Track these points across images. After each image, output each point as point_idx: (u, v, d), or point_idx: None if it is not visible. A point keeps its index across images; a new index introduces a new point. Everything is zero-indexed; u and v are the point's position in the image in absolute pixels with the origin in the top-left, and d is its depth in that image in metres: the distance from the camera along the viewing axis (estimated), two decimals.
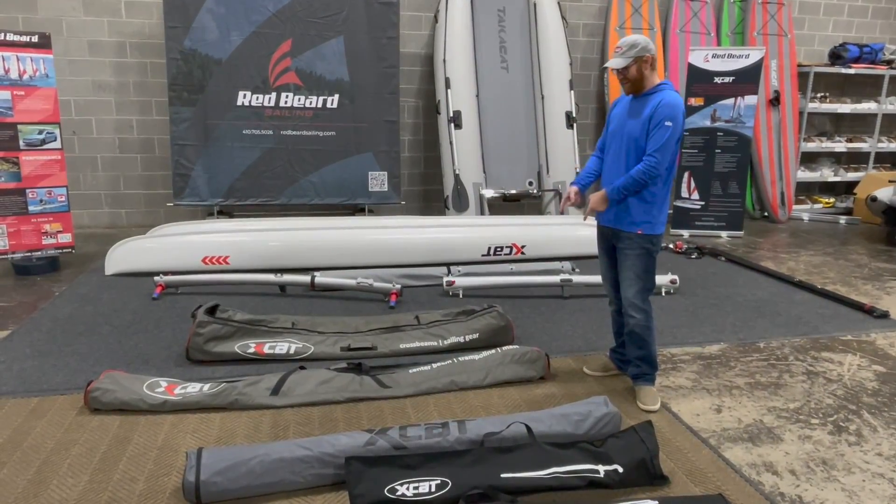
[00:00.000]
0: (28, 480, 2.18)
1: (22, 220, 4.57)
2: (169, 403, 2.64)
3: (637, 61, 2.69)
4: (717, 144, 6.18)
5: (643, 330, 2.79)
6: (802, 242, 6.15)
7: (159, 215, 6.18)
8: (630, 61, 2.68)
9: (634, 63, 2.69)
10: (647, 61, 2.69)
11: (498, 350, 3.11)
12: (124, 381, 2.72)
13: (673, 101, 2.64)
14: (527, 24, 6.21)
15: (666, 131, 2.61)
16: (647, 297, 2.81)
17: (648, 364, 2.85)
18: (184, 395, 2.66)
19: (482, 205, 5.87)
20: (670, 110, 2.62)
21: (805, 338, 3.67)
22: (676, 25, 6.80)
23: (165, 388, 2.71)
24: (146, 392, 2.66)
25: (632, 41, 2.69)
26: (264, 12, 5.47)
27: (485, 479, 2.11)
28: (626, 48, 2.69)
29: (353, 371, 2.93)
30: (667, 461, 2.34)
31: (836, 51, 7.19)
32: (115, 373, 2.80)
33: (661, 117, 2.62)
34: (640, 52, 2.67)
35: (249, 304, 3.98)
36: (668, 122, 2.61)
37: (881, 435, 2.62)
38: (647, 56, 2.68)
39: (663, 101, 2.65)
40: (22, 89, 4.44)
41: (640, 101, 2.74)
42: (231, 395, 2.68)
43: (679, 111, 2.65)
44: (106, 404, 2.61)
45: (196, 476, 2.04)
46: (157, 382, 2.74)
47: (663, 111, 2.62)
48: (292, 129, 5.70)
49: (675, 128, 2.63)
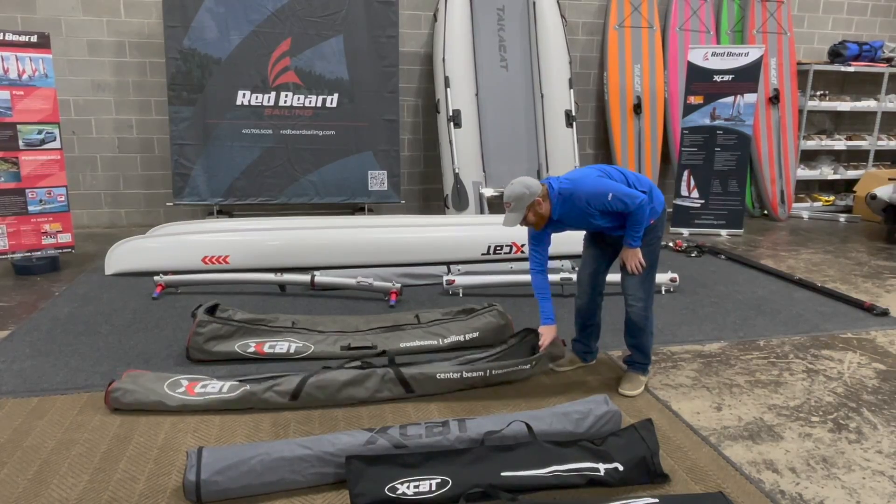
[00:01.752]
0: (28, 480, 2.18)
1: (22, 220, 4.57)
2: (189, 406, 2.62)
3: (531, 207, 2.65)
4: (716, 143, 6.18)
5: (641, 319, 2.84)
6: (802, 240, 6.15)
7: (159, 215, 6.18)
8: (524, 213, 2.66)
9: (528, 212, 2.66)
10: (537, 204, 2.65)
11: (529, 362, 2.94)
12: (145, 380, 2.71)
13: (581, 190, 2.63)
14: (526, 22, 6.21)
15: (616, 195, 2.61)
16: (649, 288, 2.84)
17: (641, 353, 2.92)
18: (203, 396, 2.64)
19: (482, 203, 5.86)
20: (594, 194, 2.62)
21: (805, 336, 3.67)
22: (676, 23, 6.80)
23: (186, 388, 2.69)
24: (167, 392, 2.64)
25: (517, 194, 2.62)
26: (263, 11, 5.46)
27: (485, 478, 2.11)
28: (513, 202, 2.63)
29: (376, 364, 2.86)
30: (667, 459, 2.35)
31: (836, 49, 7.18)
32: (137, 372, 2.80)
33: (600, 199, 2.62)
34: (529, 198, 2.63)
35: (249, 304, 3.98)
36: (609, 194, 2.61)
37: (881, 432, 2.63)
38: (536, 199, 2.63)
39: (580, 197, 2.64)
40: (21, 89, 4.43)
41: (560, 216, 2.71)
42: (250, 400, 2.65)
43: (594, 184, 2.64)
44: (126, 405, 2.61)
45: (197, 475, 2.04)
46: (177, 382, 2.72)
47: (594, 199, 2.63)
48: (292, 128, 5.70)
49: (613, 188, 2.62)
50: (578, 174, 2.76)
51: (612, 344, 3.40)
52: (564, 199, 2.69)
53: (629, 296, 2.85)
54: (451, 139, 5.82)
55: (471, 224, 5.31)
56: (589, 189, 2.65)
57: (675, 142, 6.70)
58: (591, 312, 3.05)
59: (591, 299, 3.01)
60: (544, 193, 2.68)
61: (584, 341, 3.13)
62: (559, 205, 2.69)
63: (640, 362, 2.95)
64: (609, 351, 3.34)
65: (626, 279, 2.85)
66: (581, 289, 3.04)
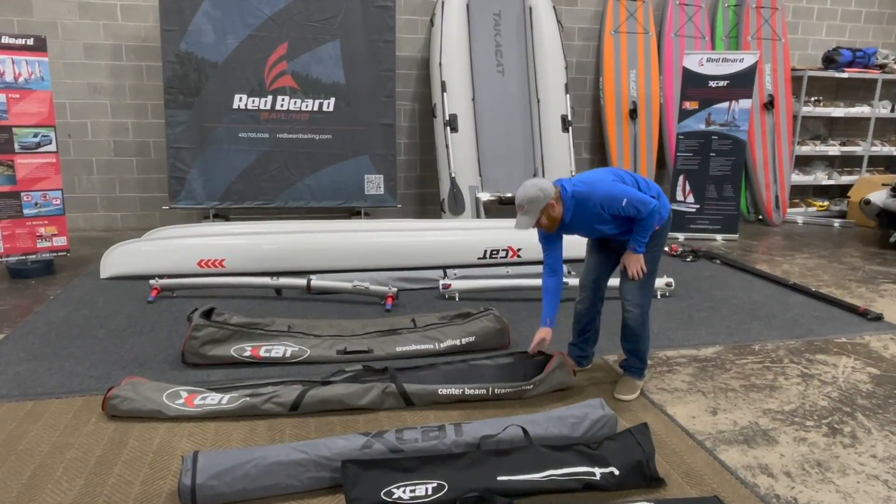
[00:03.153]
0: (23, 485, 2.17)
1: (17, 224, 4.56)
2: (187, 416, 2.60)
3: (544, 211, 2.63)
4: (711, 148, 6.21)
5: (638, 325, 2.84)
6: (797, 245, 6.17)
7: (155, 218, 6.16)
8: (538, 216, 2.64)
9: (541, 215, 2.64)
10: (551, 206, 2.63)
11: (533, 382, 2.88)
12: (145, 389, 2.68)
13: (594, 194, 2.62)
14: (522, 28, 6.23)
15: (630, 200, 2.60)
16: (648, 294, 2.85)
17: (637, 358, 2.93)
18: (203, 408, 2.62)
19: (478, 208, 5.87)
20: (608, 197, 2.61)
21: (800, 340, 3.68)
22: (671, 29, 6.84)
23: (185, 400, 2.66)
24: (166, 403, 2.63)
25: (530, 196, 2.60)
26: (260, 15, 5.47)
27: (481, 482, 2.11)
28: (527, 205, 2.61)
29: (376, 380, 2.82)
30: (662, 463, 2.35)
31: (830, 55, 7.23)
32: (137, 380, 2.78)
33: (614, 203, 2.61)
34: (542, 201, 2.60)
35: (245, 308, 3.97)
36: (623, 199, 2.60)
37: (875, 437, 2.64)
38: (549, 202, 2.61)
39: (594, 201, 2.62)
40: (17, 92, 4.43)
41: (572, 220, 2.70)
42: (250, 412, 2.63)
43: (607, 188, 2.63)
44: (124, 412, 2.59)
45: (192, 480, 2.04)
46: (177, 393, 2.69)
47: (608, 203, 2.61)
48: (288, 132, 5.70)
49: (624, 190, 2.63)
50: (593, 177, 2.73)
51: (608, 348, 3.41)
52: (578, 202, 2.66)
53: (627, 301, 2.84)
54: (447, 143, 5.83)
55: (467, 228, 5.31)
56: (604, 193, 2.63)
57: (671, 147, 6.73)
58: (591, 318, 3.06)
59: (592, 304, 3.02)
60: (557, 196, 2.65)
61: (581, 346, 3.14)
62: (572, 208, 2.67)
63: (636, 367, 2.95)
64: (605, 355, 3.35)
65: (625, 284, 2.84)
66: (583, 294, 3.03)
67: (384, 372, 2.88)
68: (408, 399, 2.74)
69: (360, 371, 2.93)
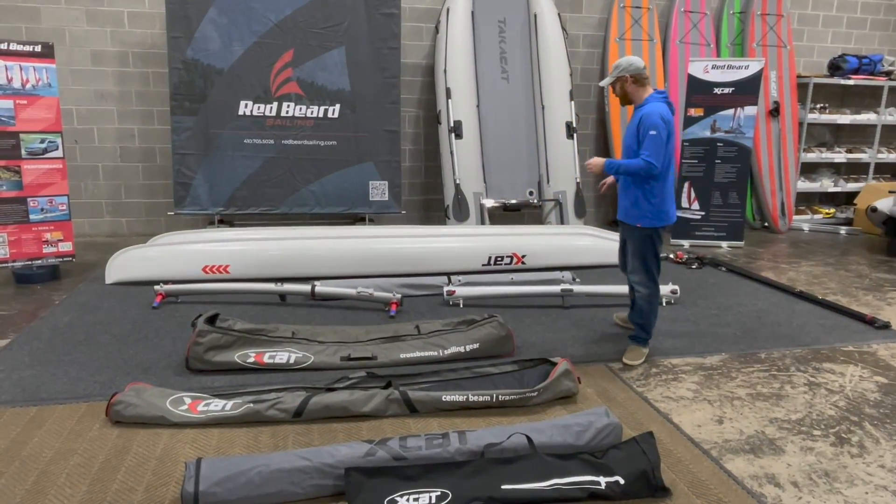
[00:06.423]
0: (26, 490, 2.17)
1: (23, 229, 4.58)
2: (191, 423, 2.59)
3: (619, 80, 3.22)
4: (717, 155, 6.19)
5: (644, 304, 3.37)
6: (803, 253, 6.15)
7: (160, 224, 6.18)
8: (612, 80, 3.24)
9: (616, 81, 3.23)
10: (626, 80, 3.19)
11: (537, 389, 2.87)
12: (148, 395, 2.69)
13: (651, 112, 3.10)
14: (527, 35, 6.25)
15: (651, 138, 3.07)
16: (650, 278, 3.33)
17: (643, 330, 3.43)
18: (206, 414, 2.62)
19: (483, 214, 5.87)
20: (649, 120, 3.09)
21: (806, 348, 3.66)
22: (676, 36, 6.84)
23: (189, 406, 2.66)
24: (169, 409, 2.62)
25: (617, 63, 3.20)
26: (266, 23, 5.50)
27: (485, 491, 2.10)
28: (613, 69, 3.21)
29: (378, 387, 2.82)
30: (668, 472, 2.33)
31: (835, 62, 7.21)
32: (140, 385, 2.78)
33: (646, 128, 3.10)
34: (621, 72, 3.19)
35: (250, 314, 3.97)
36: (653, 132, 3.07)
37: (884, 447, 2.61)
38: (625, 76, 3.18)
39: (644, 113, 3.12)
40: (24, 98, 4.46)
41: (635, 114, 3.23)
42: (253, 418, 2.63)
43: (656, 119, 3.07)
44: (128, 418, 2.59)
45: (195, 487, 2.03)
46: (180, 399, 2.69)
47: (645, 122, 3.10)
48: (293, 138, 5.72)
49: (659, 133, 3.07)
50: (663, 112, 3.13)
51: (608, 354, 3.40)
52: (645, 108, 3.14)
53: (635, 283, 3.39)
54: (452, 150, 5.84)
55: (471, 235, 5.31)
56: (652, 116, 3.08)
57: (676, 154, 6.71)
58: (631, 287, 3.54)
59: (624, 267, 3.59)
60: (638, 81, 3.17)
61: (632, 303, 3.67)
62: (640, 106, 3.19)
63: (642, 337, 3.43)
64: (609, 363, 3.33)
65: (631, 272, 3.40)
66: (620, 259, 3.65)
67: (387, 379, 2.88)
68: (411, 406, 2.73)
69: (363, 377, 2.93)
